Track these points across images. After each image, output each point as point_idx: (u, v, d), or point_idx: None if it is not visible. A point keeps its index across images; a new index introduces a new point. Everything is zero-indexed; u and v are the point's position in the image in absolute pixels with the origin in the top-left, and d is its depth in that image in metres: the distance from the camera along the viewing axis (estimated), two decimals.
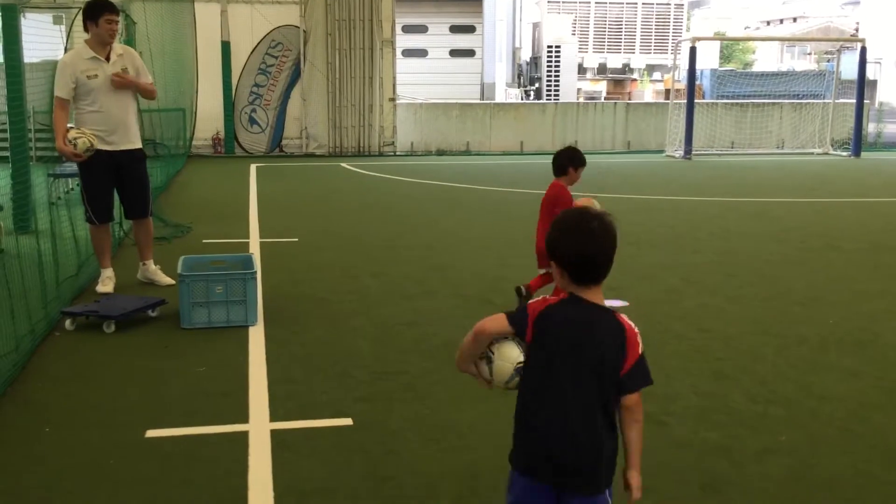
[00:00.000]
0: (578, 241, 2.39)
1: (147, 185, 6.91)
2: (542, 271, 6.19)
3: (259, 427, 4.06)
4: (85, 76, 6.36)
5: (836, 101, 22.88)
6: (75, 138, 6.23)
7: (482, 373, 2.60)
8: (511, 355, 2.49)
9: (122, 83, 6.48)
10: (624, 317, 2.46)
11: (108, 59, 6.45)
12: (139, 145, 6.76)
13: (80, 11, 6.54)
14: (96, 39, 6.41)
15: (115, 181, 6.67)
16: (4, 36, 8.48)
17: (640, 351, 2.47)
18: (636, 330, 2.47)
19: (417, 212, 11.34)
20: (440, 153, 21.09)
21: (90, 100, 6.42)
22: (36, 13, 15.40)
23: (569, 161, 6.21)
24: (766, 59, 54.06)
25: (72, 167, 10.30)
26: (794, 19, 61.73)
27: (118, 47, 6.60)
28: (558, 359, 2.38)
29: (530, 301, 2.51)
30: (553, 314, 2.42)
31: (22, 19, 8.81)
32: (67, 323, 5.64)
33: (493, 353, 2.54)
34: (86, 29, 6.44)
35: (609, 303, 6.47)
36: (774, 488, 3.48)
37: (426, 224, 10.23)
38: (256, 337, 5.49)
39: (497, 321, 2.52)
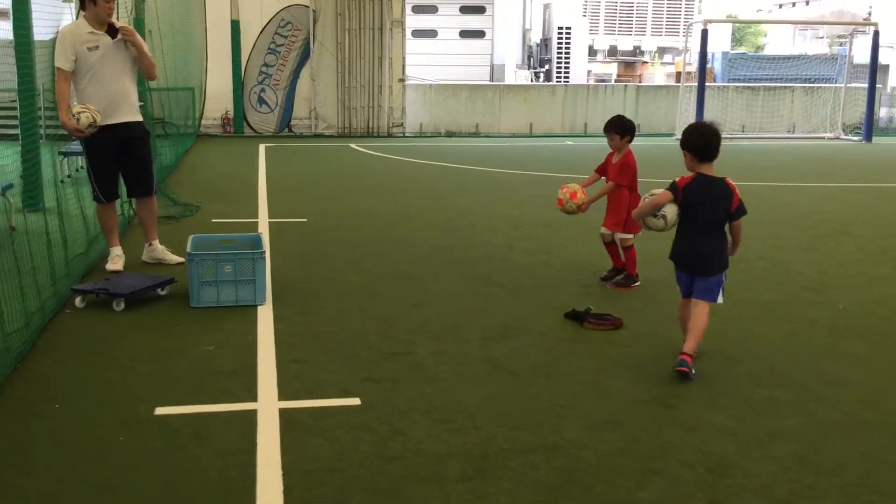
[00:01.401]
0: (703, 135, 4.62)
1: (150, 163, 6.89)
2: (630, 236, 6.44)
3: (267, 406, 4.07)
4: (85, 48, 6.32)
5: (848, 85, 22.75)
6: (79, 113, 6.21)
7: (653, 225, 4.73)
8: (674, 209, 4.63)
9: (130, 33, 6.45)
10: (728, 179, 4.62)
11: (112, 34, 6.42)
12: (140, 118, 6.73)
13: None
14: (94, 17, 6.37)
15: (118, 159, 6.66)
16: (14, 13, 8.47)
17: (739, 197, 4.59)
18: (735, 186, 4.61)
19: (426, 193, 11.33)
20: (449, 135, 21.05)
21: (91, 74, 6.38)
22: None
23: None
24: (778, 42, 53.63)
25: (80, 146, 10.33)
26: (807, 2, 61.22)
27: (119, 24, 6.58)
28: (698, 207, 4.58)
29: (677, 180, 4.61)
30: (692, 184, 4.60)
31: None
32: (77, 300, 5.66)
33: (663, 212, 4.64)
34: (82, 6, 6.40)
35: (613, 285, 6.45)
36: (781, 472, 3.48)
37: (434, 205, 10.22)
38: (265, 316, 5.51)
39: (666, 195, 4.61)
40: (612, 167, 6.54)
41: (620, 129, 6.46)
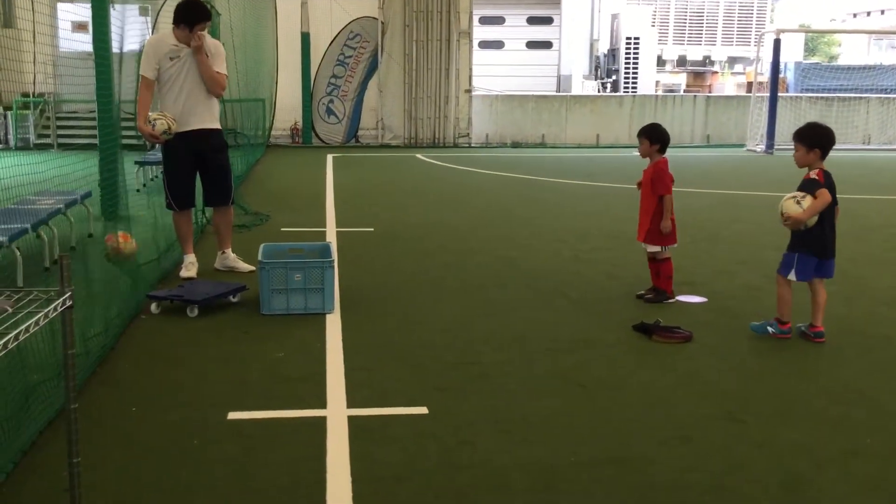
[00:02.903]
0: (831, 137, 5.43)
1: (229, 172, 7.04)
2: (658, 249, 6.26)
3: (337, 413, 4.12)
4: (168, 58, 6.53)
5: None
6: (155, 119, 6.43)
7: (809, 223, 5.26)
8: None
9: (199, 46, 6.50)
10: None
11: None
12: (218, 126, 6.88)
13: (176, 6, 6.68)
14: (182, 38, 6.58)
15: (196, 168, 6.82)
16: (94, 26, 8.74)
17: None
18: None
19: (492, 203, 11.34)
20: (515, 145, 21.05)
21: (171, 83, 6.58)
22: (124, 4, 15.81)
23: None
24: (853, 52, 52.43)
25: (157, 156, 10.60)
26: (882, 11, 59.70)
27: (207, 38, 6.74)
28: (835, 197, 5.32)
29: (814, 176, 5.33)
30: (827, 178, 5.34)
31: (111, 10, 9.06)
32: (153, 306, 5.81)
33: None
34: (177, 24, 6.58)
35: (685, 298, 6.44)
36: (856, 492, 3.40)
37: (500, 216, 10.23)
38: (333, 324, 5.57)
39: (826, 195, 5.24)
40: (645, 176, 6.33)
41: (650, 134, 6.28)
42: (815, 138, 5.35)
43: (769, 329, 5.47)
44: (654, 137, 6.27)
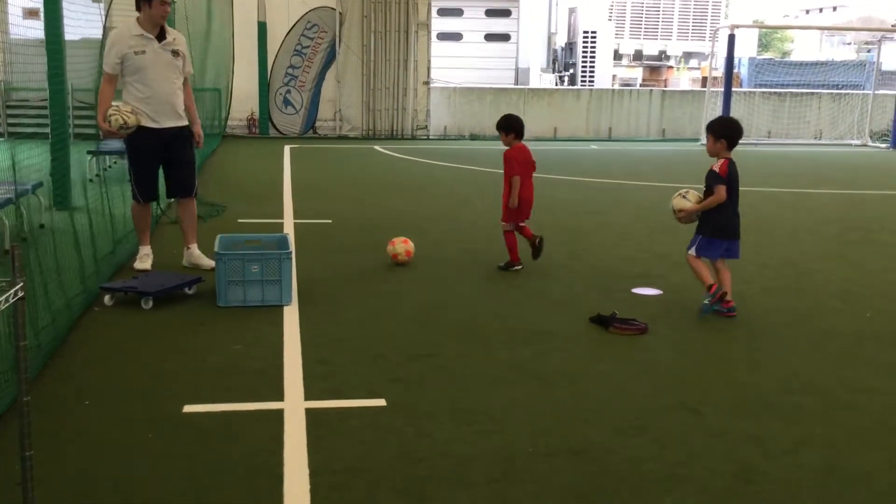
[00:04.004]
0: (738, 128, 5.82)
1: (193, 164, 6.93)
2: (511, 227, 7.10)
3: (294, 405, 4.10)
4: (132, 51, 6.38)
5: (876, 91, 22.55)
6: (110, 115, 6.29)
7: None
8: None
9: (200, 138, 6.92)
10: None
11: (161, 38, 6.48)
12: (186, 122, 6.77)
13: None
14: (147, 19, 6.42)
15: (161, 160, 6.71)
16: (46, 13, 8.57)
17: None
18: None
19: (450, 195, 11.35)
20: (473, 137, 21.07)
21: (137, 76, 6.43)
22: None
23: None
24: (805, 48, 53.27)
25: (109, 145, 10.44)
26: (835, 8, 60.74)
27: (171, 31, 6.64)
28: (735, 184, 5.73)
29: (716, 169, 5.73)
30: (730, 168, 5.71)
31: None
32: (106, 298, 5.72)
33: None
34: (138, 8, 6.46)
35: (641, 291, 6.51)
36: (808, 480, 3.46)
37: (459, 208, 10.24)
38: (291, 316, 5.54)
39: (722, 192, 5.68)
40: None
41: (504, 126, 7.07)
42: (722, 129, 5.84)
43: (711, 306, 5.84)
44: (507, 127, 7.05)
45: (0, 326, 4.09)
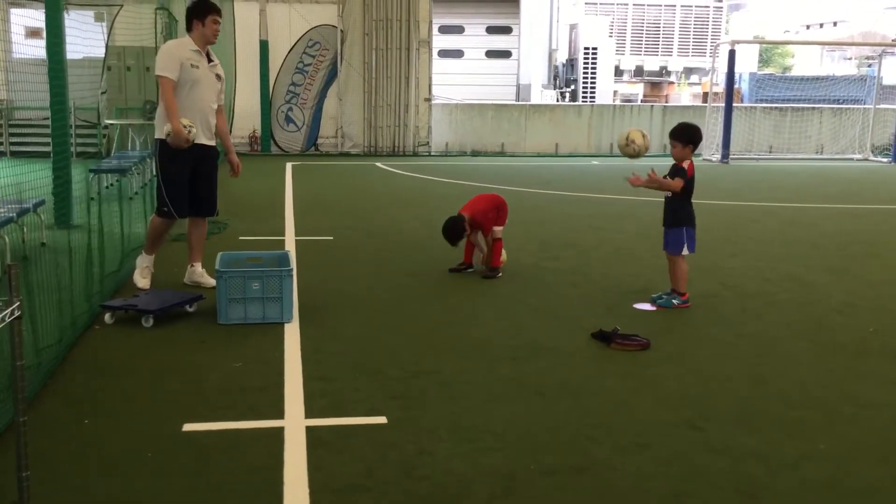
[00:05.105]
0: (700, 133, 6.20)
1: (216, 185, 6.95)
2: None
3: (294, 423, 4.08)
4: (189, 63, 6.41)
5: (877, 106, 22.57)
6: (188, 125, 6.33)
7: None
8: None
9: (238, 167, 7.17)
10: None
11: (209, 59, 6.56)
12: (214, 143, 6.81)
13: (187, 9, 6.61)
14: (200, 38, 6.48)
15: (189, 175, 6.70)
16: (48, 32, 8.61)
17: None
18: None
19: (452, 212, 11.30)
20: (475, 154, 21.09)
21: (188, 89, 6.44)
22: (78, 10, 15.62)
23: None
24: (806, 63, 53.39)
25: (111, 164, 10.45)
26: (835, 23, 60.92)
27: (214, 55, 6.69)
28: (694, 183, 6.20)
29: (685, 166, 6.12)
30: (693, 171, 6.19)
31: (65, 16, 8.94)
32: (107, 316, 5.71)
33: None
34: (189, 28, 6.50)
35: (643, 306, 6.49)
36: (812, 495, 3.44)
37: None
38: (292, 334, 5.53)
39: (680, 182, 6.06)
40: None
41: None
42: (688, 135, 6.17)
43: (674, 302, 6.32)
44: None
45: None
